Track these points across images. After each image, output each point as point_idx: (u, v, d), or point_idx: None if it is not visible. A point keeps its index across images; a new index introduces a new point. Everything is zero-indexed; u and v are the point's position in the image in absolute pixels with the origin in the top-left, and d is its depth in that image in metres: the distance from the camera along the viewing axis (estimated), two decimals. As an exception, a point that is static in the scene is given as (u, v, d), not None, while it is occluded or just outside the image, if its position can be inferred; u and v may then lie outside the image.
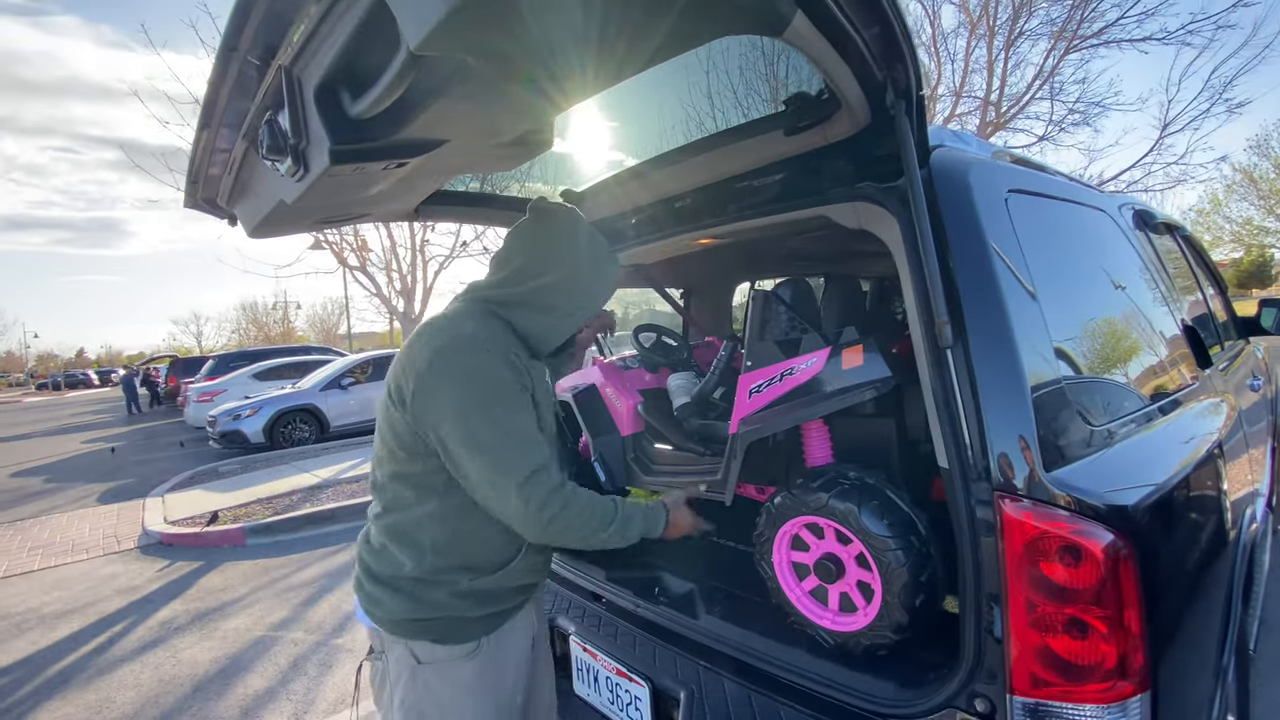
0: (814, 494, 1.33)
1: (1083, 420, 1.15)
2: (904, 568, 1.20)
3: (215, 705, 2.92)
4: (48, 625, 3.99)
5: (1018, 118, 9.36)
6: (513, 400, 1.17)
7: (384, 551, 1.23)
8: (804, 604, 1.39)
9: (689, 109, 1.52)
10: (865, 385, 1.33)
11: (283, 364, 12.86)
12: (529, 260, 1.29)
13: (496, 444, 1.13)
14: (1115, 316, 1.51)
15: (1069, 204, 1.54)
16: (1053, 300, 1.23)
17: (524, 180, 1.99)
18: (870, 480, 1.30)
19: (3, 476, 10.15)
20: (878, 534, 1.22)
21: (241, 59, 0.91)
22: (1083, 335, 1.33)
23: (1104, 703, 0.97)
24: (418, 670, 1.20)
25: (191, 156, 1.27)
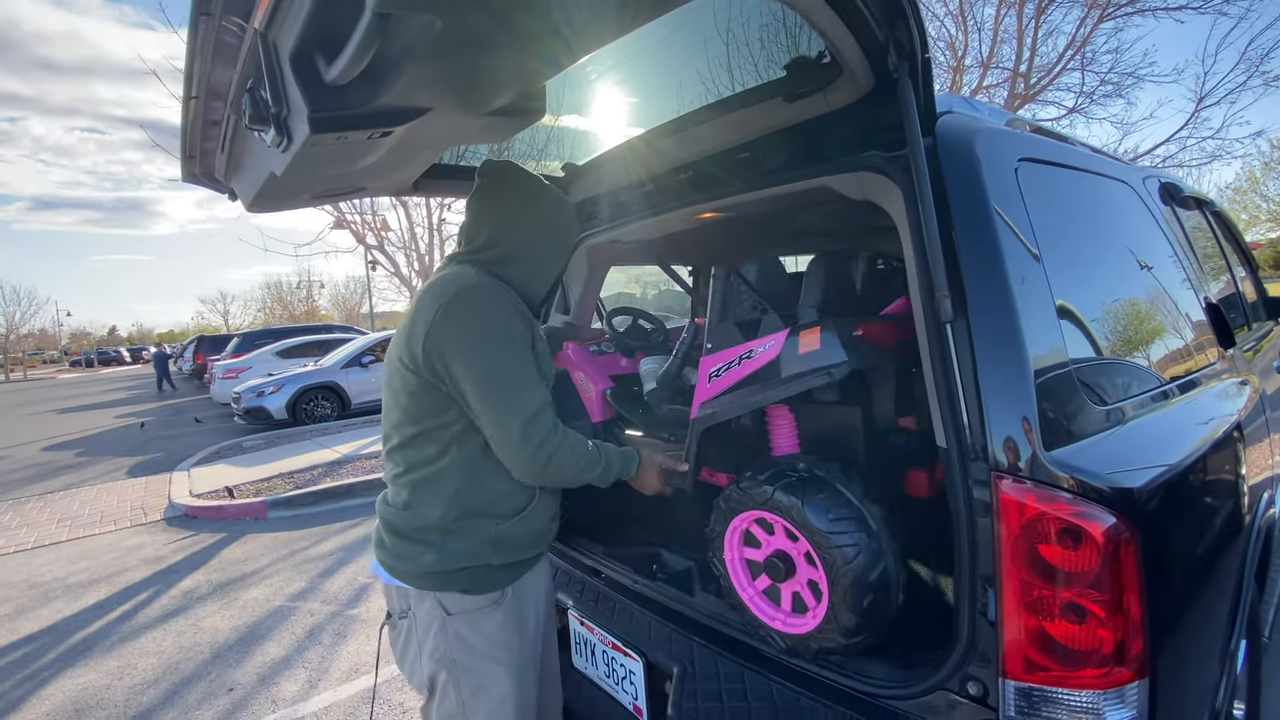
0: (760, 487, 1.27)
1: (1089, 399, 1.10)
2: (849, 566, 1.14)
3: (234, 672, 3.01)
4: (73, 594, 4.14)
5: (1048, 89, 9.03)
6: (517, 344, 1.23)
7: (409, 507, 1.27)
8: (756, 604, 1.33)
9: (687, 78, 1.47)
10: (818, 371, 1.25)
11: (305, 342, 13.06)
12: (498, 221, 1.35)
13: (503, 383, 1.18)
14: (1131, 292, 1.44)
15: (1087, 175, 1.47)
16: (1063, 273, 1.18)
17: (525, 156, 1.96)
18: (820, 472, 1.23)
19: (35, 450, 10.51)
20: (821, 530, 1.16)
21: (217, 24, 0.89)
22: (1094, 311, 1.28)
23: (1100, 689, 0.94)
24: (447, 621, 1.25)
25: (181, 128, 1.26)
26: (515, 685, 1.27)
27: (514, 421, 1.18)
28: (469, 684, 1.25)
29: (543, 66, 1.02)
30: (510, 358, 1.21)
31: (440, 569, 1.25)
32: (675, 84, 1.49)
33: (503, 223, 1.35)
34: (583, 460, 1.25)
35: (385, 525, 1.32)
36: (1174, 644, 1.04)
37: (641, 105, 1.63)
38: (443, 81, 0.97)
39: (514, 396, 1.19)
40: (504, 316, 1.23)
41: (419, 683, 1.30)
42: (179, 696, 2.84)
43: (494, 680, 1.26)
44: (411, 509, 1.27)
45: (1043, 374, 1.03)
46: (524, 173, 1.41)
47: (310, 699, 2.73)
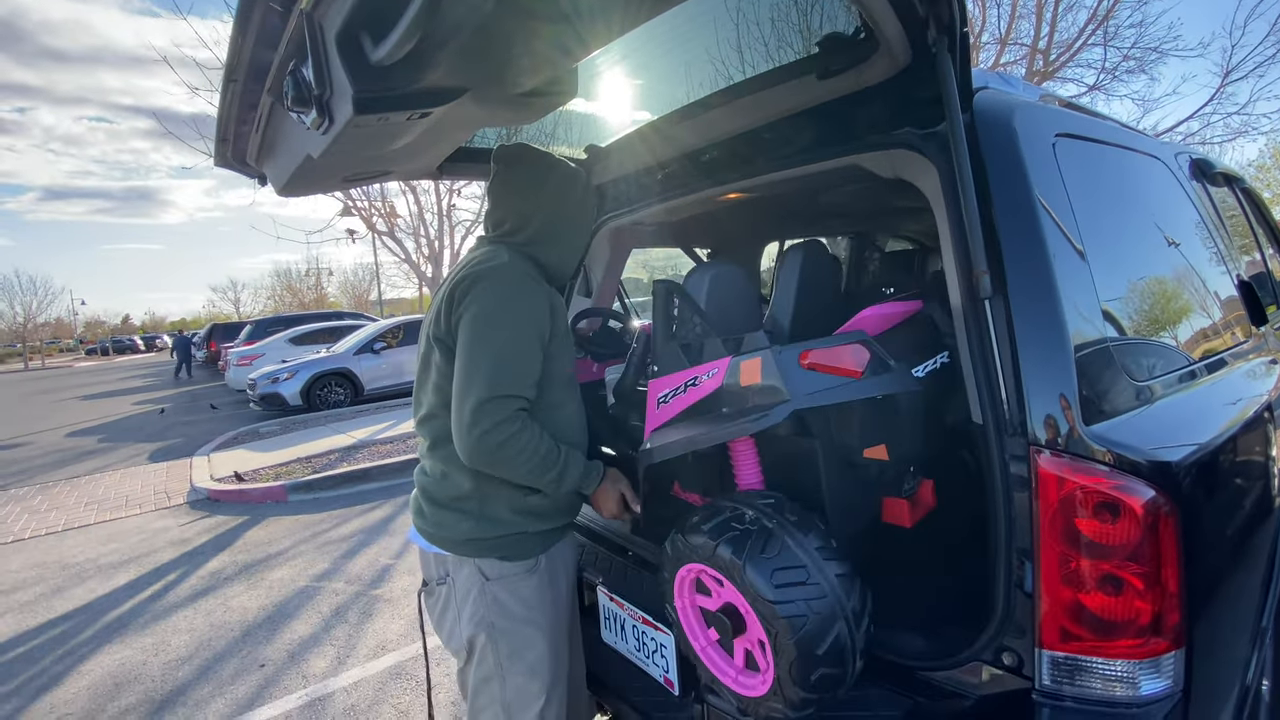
0: (701, 538, 1.13)
1: (1127, 375, 1.10)
2: (796, 638, 1.01)
3: (264, 649, 3.09)
4: (105, 574, 4.24)
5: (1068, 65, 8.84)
6: (524, 330, 1.24)
7: (446, 478, 1.31)
8: (709, 655, 1.22)
9: (716, 57, 1.46)
10: (757, 412, 1.09)
11: (317, 329, 13.16)
12: (519, 205, 1.38)
13: (480, 358, 1.19)
14: (1165, 269, 1.43)
15: (1122, 150, 1.46)
16: (1100, 250, 1.17)
17: (548, 141, 1.96)
18: (770, 523, 1.09)
19: (59, 437, 10.70)
20: (765, 597, 1.03)
21: (264, 5, 0.90)
22: (1131, 287, 1.27)
23: (1136, 658, 0.96)
24: (486, 586, 1.29)
25: (219, 113, 1.27)
26: (550, 648, 1.32)
27: (470, 399, 1.18)
28: (506, 646, 1.30)
29: (577, 46, 1.02)
30: (505, 339, 1.21)
31: (479, 536, 1.29)
32: (703, 63, 1.48)
33: (523, 206, 1.38)
34: (534, 461, 1.21)
35: (423, 494, 1.36)
36: (1209, 617, 1.05)
37: (668, 85, 1.62)
38: (482, 61, 0.98)
39: (482, 374, 1.18)
40: (524, 301, 1.24)
41: (457, 646, 1.34)
42: (213, 672, 2.92)
43: (530, 643, 1.31)
44: (447, 479, 1.31)
45: (1081, 350, 1.04)
46: (537, 153, 1.43)
47: (339, 674, 2.80)
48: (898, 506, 1.34)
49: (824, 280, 1.64)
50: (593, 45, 1.02)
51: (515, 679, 1.30)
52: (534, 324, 1.26)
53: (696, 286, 1.55)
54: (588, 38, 0.98)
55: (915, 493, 1.38)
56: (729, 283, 1.58)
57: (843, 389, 1.12)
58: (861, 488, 1.33)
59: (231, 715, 2.58)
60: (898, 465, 1.31)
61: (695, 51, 1.49)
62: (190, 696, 2.73)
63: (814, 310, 1.55)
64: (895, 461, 1.27)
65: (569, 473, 1.29)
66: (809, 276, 1.53)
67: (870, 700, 1.17)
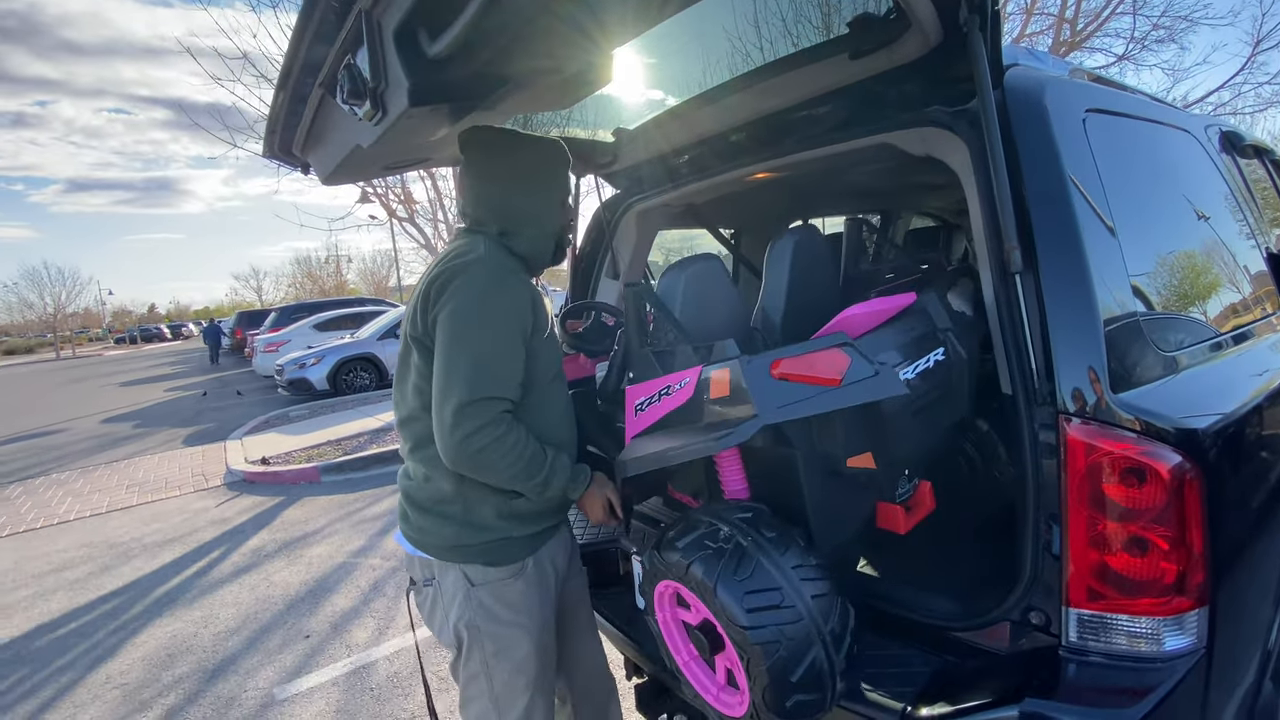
0: (676, 554, 1.10)
1: (1154, 346, 1.13)
2: (769, 664, 0.98)
3: (308, 620, 3.23)
4: (150, 553, 4.43)
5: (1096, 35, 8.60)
6: (503, 328, 1.20)
7: (428, 481, 1.29)
8: (691, 670, 1.20)
9: (747, 39, 1.49)
10: (725, 427, 1.03)
11: (341, 315, 13.36)
12: (484, 192, 1.33)
13: (464, 354, 1.16)
14: (1194, 242, 1.44)
15: (1151, 124, 1.47)
16: (1130, 223, 1.19)
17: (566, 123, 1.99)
18: (745, 540, 1.05)
19: (95, 423, 11.04)
20: (737, 622, 0.99)
21: (323, 7, 0.95)
22: (1160, 261, 1.29)
23: (1161, 615, 1.00)
24: (471, 591, 1.29)
25: (272, 106, 1.33)
26: (536, 647, 1.33)
27: (450, 401, 1.14)
28: (492, 647, 1.30)
29: (616, 33, 1.06)
30: (484, 338, 1.17)
31: (463, 542, 1.28)
32: (734, 45, 1.51)
33: (487, 194, 1.33)
34: (519, 466, 1.19)
35: (406, 499, 1.35)
36: (1233, 578, 1.09)
37: (697, 67, 1.65)
38: (527, 52, 1.02)
39: (461, 376, 1.15)
40: (503, 297, 1.20)
41: (447, 642, 1.36)
42: (261, 642, 3.06)
43: (516, 644, 1.31)
44: (430, 482, 1.29)
45: (1110, 321, 1.07)
46: (494, 135, 1.35)
47: (380, 644, 2.92)
48: (892, 513, 1.29)
49: (820, 269, 1.57)
50: (631, 33, 1.06)
51: (502, 676, 1.31)
52: (514, 320, 1.22)
53: (671, 287, 1.46)
54: (627, 26, 1.02)
55: (911, 497, 1.31)
56: (707, 281, 1.50)
57: (818, 400, 1.04)
58: (849, 497, 1.27)
59: (281, 682, 2.72)
60: (888, 472, 1.24)
61: (726, 33, 1.51)
62: (240, 665, 2.88)
63: (810, 301, 1.49)
64: (885, 468, 1.21)
65: (555, 477, 1.25)
66: (802, 267, 1.46)
67: (903, 659, 1.23)
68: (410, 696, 2.53)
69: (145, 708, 2.64)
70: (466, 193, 1.36)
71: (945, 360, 1.30)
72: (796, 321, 1.49)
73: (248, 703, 2.61)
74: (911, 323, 1.31)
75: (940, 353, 1.29)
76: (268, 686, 2.70)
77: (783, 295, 1.43)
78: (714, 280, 1.48)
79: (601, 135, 2.06)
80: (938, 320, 1.35)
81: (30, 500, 6.13)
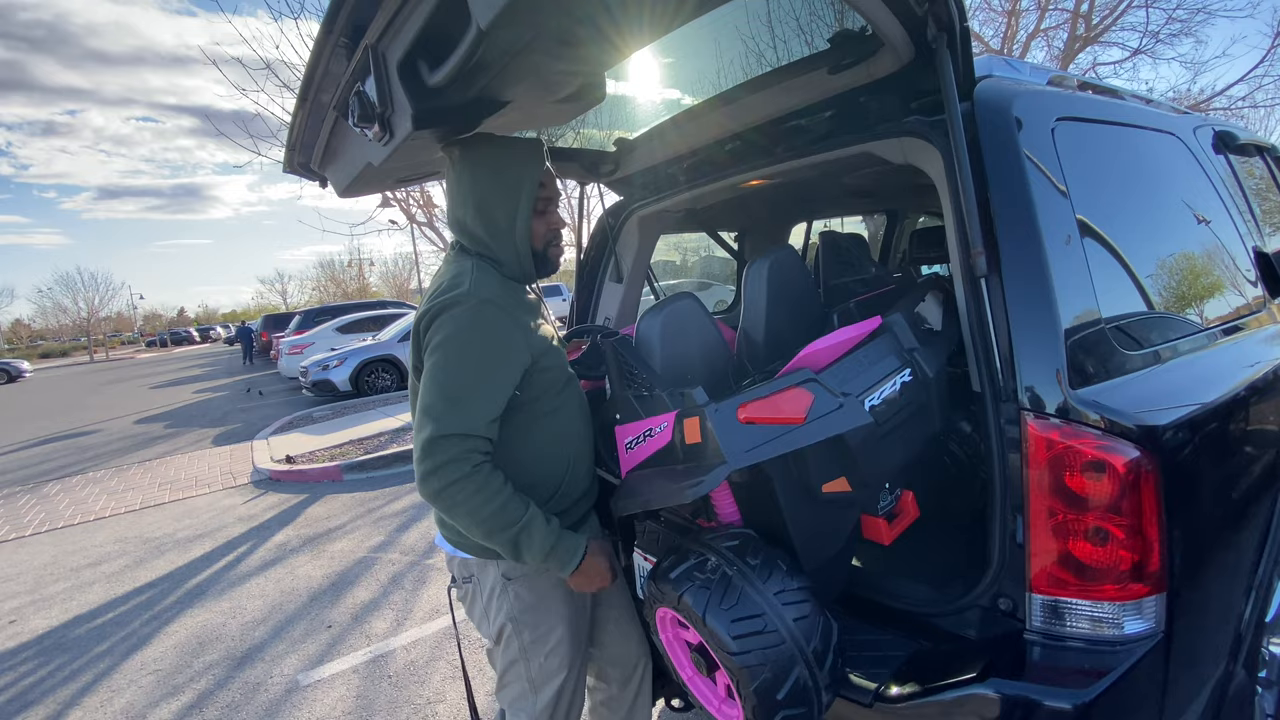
0: (670, 583, 1.16)
1: (1117, 345, 1.18)
2: (755, 685, 1.05)
3: (330, 612, 3.36)
4: (182, 548, 4.61)
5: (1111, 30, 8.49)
6: (483, 363, 1.22)
7: None
8: (695, 684, 1.27)
9: (733, 53, 1.56)
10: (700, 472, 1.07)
11: (363, 317, 13.64)
12: (454, 203, 1.36)
13: (438, 391, 1.20)
14: (1169, 241, 1.48)
15: (1128, 129, 1.51)
16: (1098, 227, 1.25)
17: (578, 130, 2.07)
18: (730, 570, 1.11)
19: (128, 423, 11.42)
20: (727, 649, 1.06)
21: (335, 40, 1.05)
22: (1129, 261, 1.34)
23: (1119, 600, 1.05)
24: (508, 585, 1.40)
25: (290, 127, 1.43)
26: (569, 631, 1.43)
27: (422, 434, 1.18)
28: (529, 636, 1.41)
29: (606, 58, 1.14)
30: (460, 376, 1.20)
31: None
32: (721, 59, 1.58)
33: (460, 214, 1.34)
34: (485, 513, 1.19)
35: None
36: (1195, 567, 1.14)
37: (688, 79, 1.73)
38: (521, 78, 1.11)
39: (433, 411, 1.18)
40: (485, 334, 1.23)
41: (487, 633, 1.46)
42: (285, 632, 3.20)
43: (551, 630, 1.42)
44: None
45: (1072, 322, 1.12)
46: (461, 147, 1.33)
47: (398, 635, 3.04)
48: (875, 525, 1.34)
49: (798, 289, 1.60)
50: (619, 57, 1.14)
51: (538, 659, 1.42)
52: (493, 358, 1.24)
53: (650, 329, 1.48)
54: (614, 52, 1.10)
55: (894, 507, 1.35)
56: (685, 319, 1.52)
57: (784, 439, 1.08)
58: (830, 517, 1.30)
59: (304, 669, 2.84)
60: (865, 493, 1.27)
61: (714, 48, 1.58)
62: (267, 653, 3.02)
63: (790, 319, 1.51)
64: (861, 490, 1.25)
65: (529, 543, 1.23)
66: (778, 287, 1.48)
67: (881, 643, 1.30)
68: (425, 684, 2.64)
69: (178, 692, 2.79)
70: (449, 210, 1.39)
71: (913, 380, 1.31)
72: (779, 340, 1.53)
73: (273, 688, 2.74)
74: (877, 348, 1.32)
75: (907, 374, 1.31)
76: (292, 673, 2.83)
77: (762, 317, 1.46)
78: (692, 318, 1.51)
79: (604, 145, 2.15)
80: (904, 341, 1.36)
81: (68, 498, 6.40)
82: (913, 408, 1.30)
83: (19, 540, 5.22)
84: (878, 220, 4.12)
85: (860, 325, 1.31)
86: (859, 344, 1.30)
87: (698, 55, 1.63)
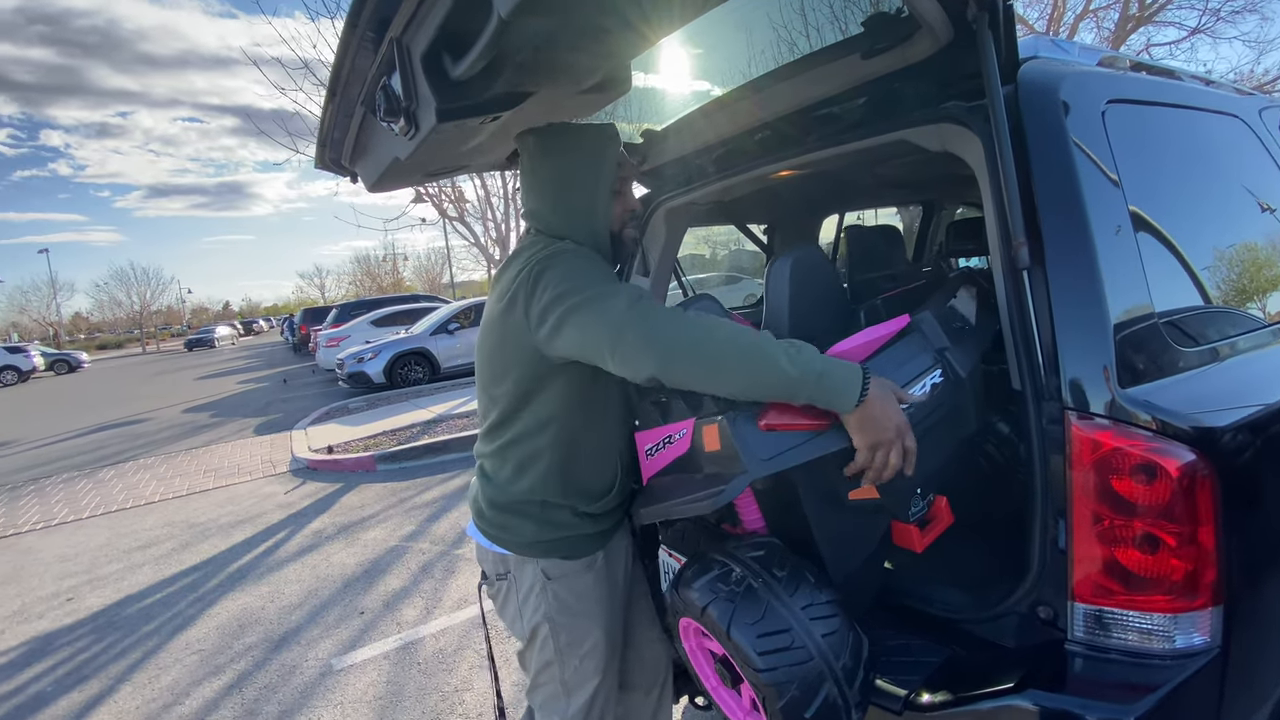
0: (693, 594, 1.13)
1: (1171, 340, 1.12)
2: (778, 707, 1.01)
3: (363, 598, 3.44)
4: (224, 532, 4.78)
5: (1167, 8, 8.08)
6: (605, 271, 1.23)
7: (512, 483, 1.34)
8: (720, 694, 1.23)
9: (762, 39, 1.52)
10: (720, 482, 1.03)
11: (396, 311, 13.90)
12: (531, 192, 1.36)
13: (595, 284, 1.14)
14: (1230, 231, 1.39)
15: (1187, 111, 1.42)
16: (1154, 216, 1.18)
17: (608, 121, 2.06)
18: (756, 582, 1.07)
19: (176, 412, 11.87)
20: (753, 665, 1.02)
21: (360, 34, 1.04)
22: (1186, 249, 1.26)
23: (1170, 612, 0.99)
24: (548, 584, 1.35)
25: (320, 123, 1.45)
26: (605, 635, 1.40)
27: (617, 310, 1.09)
28: (566, 637, 1.37)
29: (631, 47, 1.12)
30: (601, 279, 1.17)
31: (542, 538, 1.34)
32: (750, 46, 1.54)
33: (540, 198, 1.35)
34: (721, 329, 1.04)
35: (485, 497, 1.39)
36: (1260, 579, 1.07)
37: (716, 69, 1.69)
38: (545, 70, 1.09)
39: (610, 299, 1.12)
40: (597, 263, 1.24)
41: (520, 633, 1.42)
42: (320, 617, 3.29)
43: (588, 633, 1.38)
44: (513, 483, 1.34)
45: (1121, 318, 1.06)
46: (540, 135, 1.34)
47: (428, 622, 3.09)
48: (906, 532, 1.27)
49: (822, 287, 1.56)
50: (642, 46, 1.12)
51: (573, 662, 1.38)
52: (610, 272, 1.25)
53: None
54: (636, 42, 1.08)
55: (926, 514, 1.29)
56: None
57: (807, 446, 1.04)
58: (859, 525, 1.26)
59: (337, 654, 2.91)
60: (894, 499, 1.21)
61: (743, 34, 1.55)
62: (302, 637, 3.10)
63: (814, 317, 1.47)
64: (889, 497, 1.19)
65: (795, 350, 1.04)
66: (800, 285, 1.44)
67: (914, 648, 1.25)
68: (453, 672, 2.68)
69: (219, 672, 2.89)
70: (524, 199, 1.39)
71: (944, 381, 1.25)
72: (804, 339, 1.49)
73: (308, 671, 2.82)
74: (905, 347, 1.25)
75: (938, 374, 1.24)
76: (325, 657, 2.91)
77: (785, 317, 1.42)
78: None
79: (631, 137, 2.12)
80: (934, 340, 1.29)
81: (121, 483, 6.69)
82: (944, 410, 1.24)
83: (77, 523, 5.47)
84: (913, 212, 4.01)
85: (888, 324, 1.25)
86: (887, 344, 1.24)
87: (726, 43, 1.59)
